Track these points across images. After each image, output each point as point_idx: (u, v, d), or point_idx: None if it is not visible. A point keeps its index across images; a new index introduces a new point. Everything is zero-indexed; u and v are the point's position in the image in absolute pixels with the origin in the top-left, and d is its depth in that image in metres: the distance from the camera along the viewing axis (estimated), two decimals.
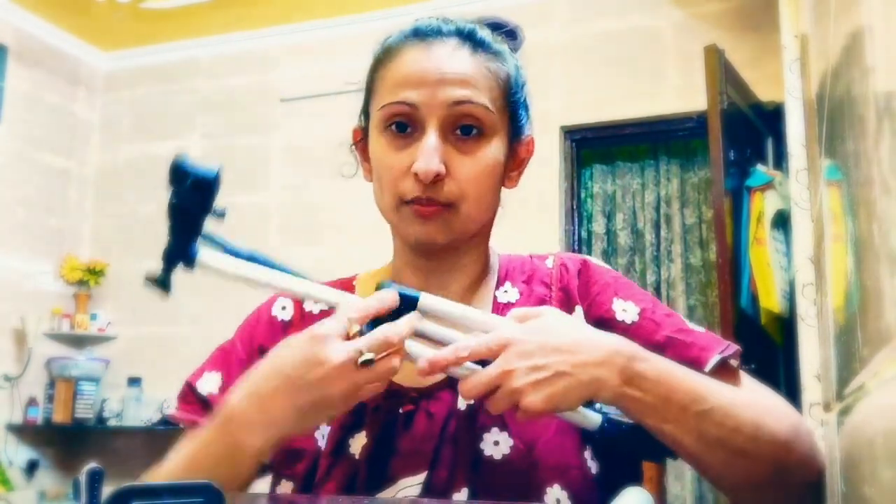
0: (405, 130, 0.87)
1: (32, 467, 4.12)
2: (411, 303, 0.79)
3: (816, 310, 2.08)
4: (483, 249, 0.96)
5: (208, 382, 0.92)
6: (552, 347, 0.73)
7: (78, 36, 4.53)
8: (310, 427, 0.80)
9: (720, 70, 2.93)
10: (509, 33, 0.97)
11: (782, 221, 2.85)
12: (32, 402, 4.13)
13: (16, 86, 4.21)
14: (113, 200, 4.56)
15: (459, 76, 0.86)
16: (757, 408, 0.80)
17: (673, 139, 3.94)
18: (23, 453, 4.11)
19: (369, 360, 0.72)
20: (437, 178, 0.84)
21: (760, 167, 3.04)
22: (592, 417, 0.79)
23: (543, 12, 3.85)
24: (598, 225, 4.14)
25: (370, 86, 0.93)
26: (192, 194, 0.78)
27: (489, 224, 0.94)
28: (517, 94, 0.92)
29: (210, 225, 0.81)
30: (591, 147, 3.98)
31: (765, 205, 2.89)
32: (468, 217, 0.88)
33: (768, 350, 2.97)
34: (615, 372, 0.73)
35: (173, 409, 0.92)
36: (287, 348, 0.76)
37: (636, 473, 0.92)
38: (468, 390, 0.74)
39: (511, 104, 0.91)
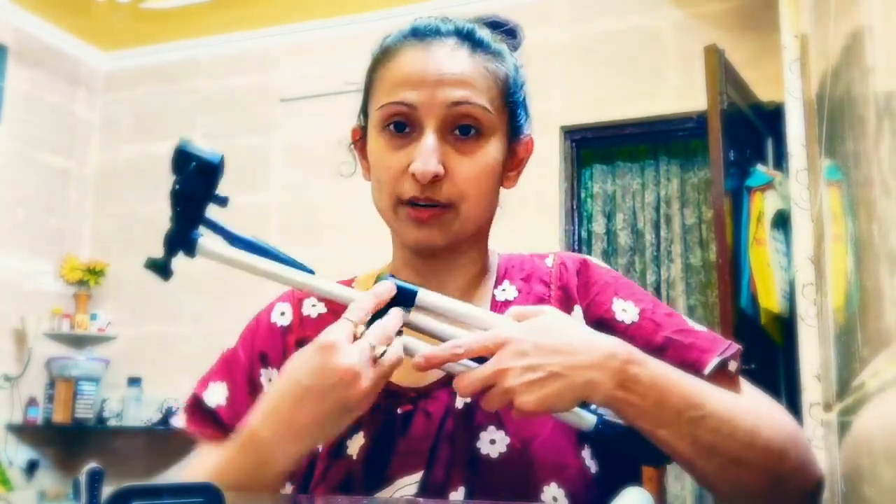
0: (403, 130, 0.87)
1: (32, 467, 4.12)
2: (409, 297, 0.79)
3: (816, 310, 2.08)
4: (481, 249, 0.96)
5: (215, 394, 0.92)
6: (548, 348, 0.73)
7: (78, 36, 4.53)
8: (334, 434, 0.79)
9: (720, 70, 2.93)
10: (509, 32, 0.96)
11: (782, 221, 2.85)
12: (32, 402, 4.13)
13: (16, 86, 4.21)
14: (113, 200, 4.56)
15: (458, 76, 0.86)
16: (753, 415, 0.79)
17: (673, 139, 3.94)
18: (23, 453, 4.11)
19: (383, 353, 0.73)
20: (436, 179, 0.84)
21: (760, 167, 3.04)
22: (587, 418, 0.79)
23: (543, 12, 3.85)
24: (598, 225, 4.13)
25: (369, 85, 0.93)
26: (196, 178, 0.78)
27: (488, 224, 0.94)
28: (516, 94, 0.92)
29: (212, 212, 0.81)
30: (591, 147, 3.98)
31: (765, 205, 2.89)
32: (467, 217, 0.87)
33: (768, 350, 2.96)
34: (609, 375, 0.73)
35: (183, 423, 0.92)
36: (300, 362, 0.76)
37: (636, 473, 0.92)
38: (463, 387, 0.74)
39: (510, 104, 0.91)
